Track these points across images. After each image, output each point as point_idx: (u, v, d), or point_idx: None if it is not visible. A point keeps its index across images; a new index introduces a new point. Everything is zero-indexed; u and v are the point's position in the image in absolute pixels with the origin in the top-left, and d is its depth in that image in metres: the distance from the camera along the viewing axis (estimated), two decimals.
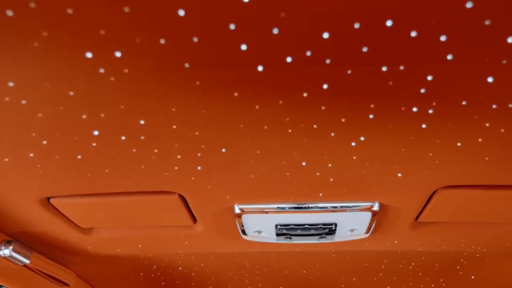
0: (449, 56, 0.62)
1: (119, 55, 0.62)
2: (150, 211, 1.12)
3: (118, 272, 1.68)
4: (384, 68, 0.65)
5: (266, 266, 1.71)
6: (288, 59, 0.63)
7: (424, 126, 0.77)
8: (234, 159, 0.87)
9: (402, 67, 0.64)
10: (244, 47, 0.61)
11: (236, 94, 0.70)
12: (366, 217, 1.11)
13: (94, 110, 0.73)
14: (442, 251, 1.45)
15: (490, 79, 0.66)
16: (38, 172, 0.90)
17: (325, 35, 0.59)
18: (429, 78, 0.66)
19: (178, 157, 0.86)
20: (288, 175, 0.93)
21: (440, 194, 1.00)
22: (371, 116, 0.75)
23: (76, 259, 1.42)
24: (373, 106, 0.72)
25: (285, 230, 1.18)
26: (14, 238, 1.22)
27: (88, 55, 0.62)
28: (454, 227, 1.21)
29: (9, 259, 1.19)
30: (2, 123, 0.76)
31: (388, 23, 0.57)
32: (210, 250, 1.42)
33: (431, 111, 0.73)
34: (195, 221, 1.20)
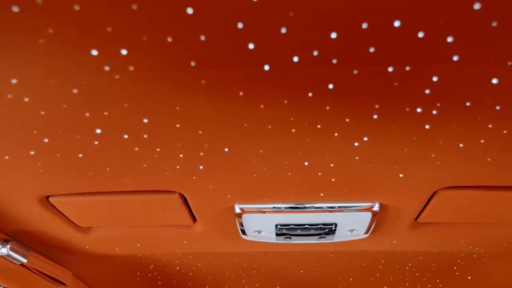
0: (455, 57, 0.62)
1: (125, 53, 0.61)
2: (150, 210, 1.11)
3: (115, 271, 1.67)
4: (390, 69, 0.65)
5: (264, 266, 1.71)
6: (295, 59, 0.63)
7: (427, 127, 0.77)
8: (237, 158, 0.87)
9: (408, 68, 0.65)
10: (251, 46, 0.61)
11: (241, 93, 0.69)
12: (366, 217, 1.11)
13: (98, 108, 0.73)
14: (439, 252, 1.46)
15: (494, 81, 0.66)
16: (38, 171, 0.90)
17: (333, 35, 0.59)
18: (434, 79, 0.66)
19: (181, 156, 0.86)
20: (290, 175, 0.93)
21: (441, 194, 1.01)
22: (375, 117, 0.75)
23: (73, 258, 1.41)
24: (377, 107, 0.72)
25: (285, 230, 1.18)
26: (11, 237, 1.21)
27: (94, 53, 0.61)
28: (453, 228, 1.21)
29: (6, 258, 1.17)
30: (4, 121, 0.75)
31: (396, 23, 0.57)
32: (209, 250, 1.41)
33: (435, 112, 0.73)
34: (195, 220, 1.19)
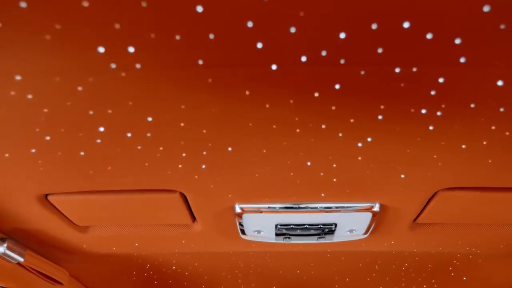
0: (462, 59, 0.63)
1: (132, 50, 0.61)
2: (150, 210, 1.10)
3: (111, 271, 1.65)
4: (397, 70, 0.65)
5: (261, 266, 1.71)
6: (303, 59, 0.63)
7: (431, 128, 0.77)
8: (240, 158, 0.87)
9: (415, 69, 0.65)
10: (260, 45, 0.60)
11: (248, 92, 0.69)
12: (366, 217, 1.11)
13: (102, 106, 0.72)
14: (436, 252, 1.47)
15: (500, 83, 0.67)
16: (39, 169, 0.88)
17: (342, 35, 0.59)
18: (440, 80, 0.67)
19: (183, 155, 0.85)
20: (292, 175, 0.93)
21: (441, 195, 1.01)
22: (380, 117, 0.75)
23: (70, 257, 1.39)
24: (382, 107, 0.73)
25: (284, 230, 1.18)
26: (8, 236, 1.19)
27: (100, 50, 0.61)
28: (452, 229, 1.22)
29: (2, 257, 1.16)
30: (6, 118, 0.74)
31: (406, 24, 0.57)
32: (207, 250, 1.41)
33: (439, 113, 0.74)
34: (194, 220, 1.19)
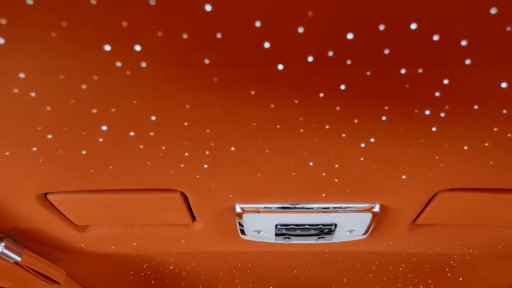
0: (467, 61, 0.63)
1: (138, 48, 0.61)
2: (150, 209, 1.10)
3: (108, 270, 1.64)
4: (403, 71, 0.65)
5: (258, 266, 1.71)
6: (310, 59, 0.63)
7: (434, 129, 0.78)
8: (242, 157, 0.87)
9: (420, 70, 0.65)
10: (267, 45, 0.60)
11: (253, 92, 0.69)
12: (366, 218, 1.12)
13: (105, 104, 0.72)
14: (433, 253, 1.47)
15: (504, 85, 0.67)
16: (39, 167, 0.88)
17: (349, 35, 0.59)
18: (445, 81, 0.67)
19: (186, 154, 0.85)
20: (294, 175, 0.93)
21: (441, 196, 1.02)
22: (383, 118, 0.75)
23: (67, 257, 1.38)
24: (387, 108, 0.73)
25: (284, 230, 1.18)
26: (5, 235, 1.18)
27: (107, 48, 0.60)
28: (451, 230, 1.23)
29: (0, 256, 1.15)
30: (8, 116, 0.73)
31: (413, 26, 0.58)
32: (205, 249, 1.41)
33: (443, 114, 0.74)
34: (194, 219, 1.18)
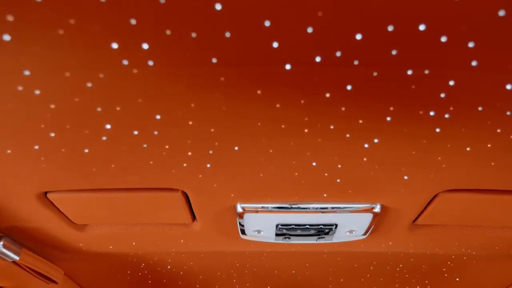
0: (473, 62, 0.63)
1: (146, 47, 0.60)
2: (150, 208, 1.09)
3: (106, 269, 1.64)
4: (410, 72, 0.65)
5: (256, 266, 1.71)
6: (317, 59, 0.63)
7: (438, 130, 0.78)
8: (245, 157, 0.86)
9: (427, 71, 0.65)
10: (275, 44, 0.60)
11: (259, 92, 0.69)
12: (367, 218, 1.12)
13: (110, 102, 0.71)
14: (431, 253, 1.48)
15: (509, 86, 0.68)
16: (40, 166, 0.87)
17: (358, 36, 0.59)
18: (451, 83, 0.67)
19: (189, 154, 0.85)
20: (297, 175, 0.93)
21: (441, 197, 1.02)
22: (388, 119, 0.75)
23: (65, 256, 1.37)
24: (392, 109, 0.73)
25: (285, 230, 1.18)
26: (3, 233, 1.17)
27: (114, 46, 0.60)
28: (450, 230, 1.23)
29: None
30: (11, 114, 0.73)
31: (421, 27, 0.58)
32: (205, 249, 1.40)
33: (447, 116, 0.74)
34: (194, 219, 1.18)
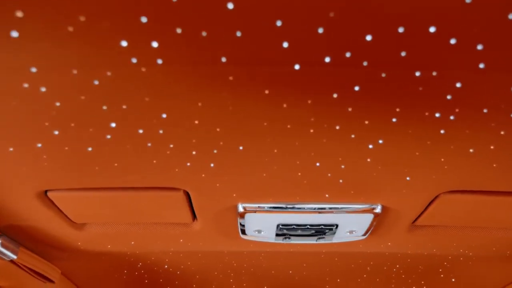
0: (481, 65, 0.64)
1: (155, 45, 0.60)
2: (151, 207, 1.09)
3: (102, 269, 1.62)
4: (418, 73, 0.66)
5: (254, 266, 1.71)
6: (327, 59, 0.63)
7: (442, 132, 0.78)
8: (250, 157, 0.86)
9: (434, 73, 0.66)
10: (285, 44, 0.60)
11: (267, 91, 0.69)
12: (367, 219, 1.12)
13: (117, 101, 0.71)
14: (428, 254, 1.49)
15: None
16: (42, 164, 0.86)
17: (368, 37, 0.59)
18: (458, 85, 0.68)
19: (193, 153, 0.84)
20: (300, 175, 0.93)
21: (442, 198, 1.03)
22: (394, 120, 0.76)
23: (63, 255, 1.36)
24: (398, 110, 0.73)
25: (285, 230, 1.18)
26: (1, 232, 1.16)
27: (123, 44, 0.60)
28: (449, 231, 1.24)
29: None
30: (15, 111, 0.72)
31: (432, 29, 0.58)
32: (204, 249, 1.40)
33: (452, 117, 0.75)
34: (194, 218, 1.18)
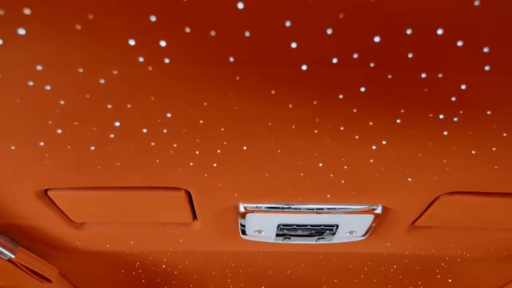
0: (486, 67, 0.64)
1: (163, 44, 0.60)
2: (151, 207, 1.08)
3: (100, 268, 1.61)
4: (424, 75, 0.66)
5: (251, 266, 1.71)
6: (334, 60, 0.63)
7: (445, 133, 0.79)
8: (253, 157, 0.86)
9: (440, 75, 0.66)
10: (294, 45, 0.60)
11: (273, 91, 0.69)
12: (368, 219, 1.13)
13: (122, 100, 0.70)
14: (426, 255, 1.50)
15: None
16: (44, 163, 0.85)
17: (376, 38, 0.59)
18: (463, 87, 0.68)
19: (197, 152, 0.84)
20: (302, 176, 0.93)
21: (442, 199, 1.03)
22: (398, 121, 0.76)
23: (61, 255, 1.35)
24: (403, 111, 0.74)
25: (286, 230, 1.18)
26: (0, 231, 1.15)
27: (131, 42, 0.59)
28: (449, 232, 1.25)
29: None
30: (18, 109, 0.71)
31: (439, 31, 0.58)
32: (203, 249, 1.40)
33: (455, 119, 0.75)
34: (195, 218, 1.17)
